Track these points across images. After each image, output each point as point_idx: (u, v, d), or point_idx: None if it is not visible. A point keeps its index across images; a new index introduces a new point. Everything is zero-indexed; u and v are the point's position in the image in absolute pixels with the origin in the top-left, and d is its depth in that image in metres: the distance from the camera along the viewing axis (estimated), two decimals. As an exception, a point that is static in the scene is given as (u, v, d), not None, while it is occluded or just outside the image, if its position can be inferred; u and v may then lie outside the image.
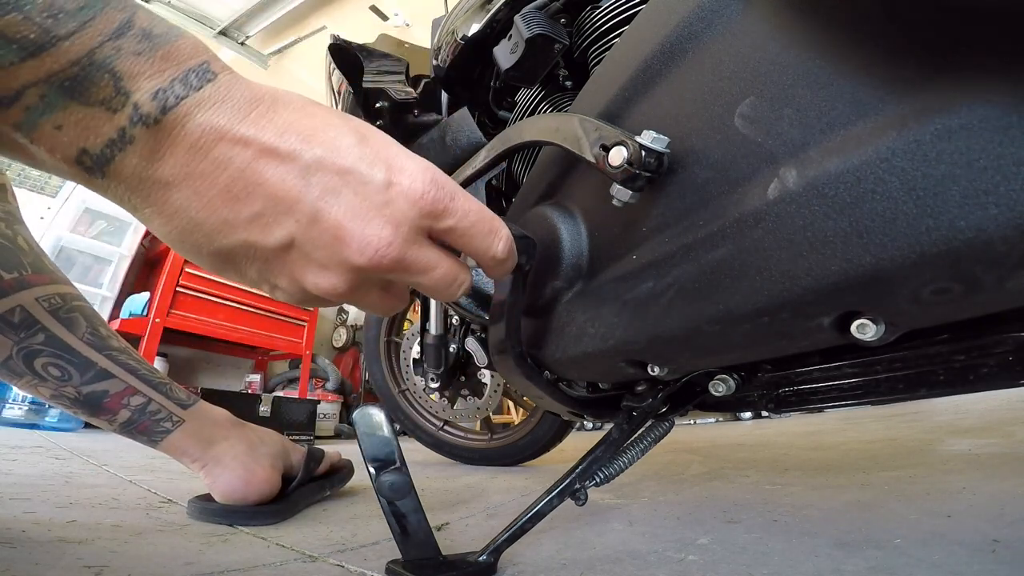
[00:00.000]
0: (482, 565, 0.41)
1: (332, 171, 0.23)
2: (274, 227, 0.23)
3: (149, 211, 0.23)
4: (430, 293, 0.28)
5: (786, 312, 0.27)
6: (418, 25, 2.57)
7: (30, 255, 0.52)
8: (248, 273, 0.25)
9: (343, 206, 0.23)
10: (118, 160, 0.21)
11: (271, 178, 0.23)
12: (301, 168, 0.23)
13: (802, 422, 2.34)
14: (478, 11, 0.62)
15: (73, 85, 0.20)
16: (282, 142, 0.23)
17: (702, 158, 0.32)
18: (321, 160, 0.23)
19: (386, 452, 0.40)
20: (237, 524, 0.57)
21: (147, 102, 0.21)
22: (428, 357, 1.09)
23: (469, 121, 0.66)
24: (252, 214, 0.23)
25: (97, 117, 0.20)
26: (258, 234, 0.23)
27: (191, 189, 0.22)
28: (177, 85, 0.21)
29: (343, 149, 0.24)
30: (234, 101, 0.22)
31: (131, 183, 0.22)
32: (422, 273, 0.26)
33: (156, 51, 0.21)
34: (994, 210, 0.19)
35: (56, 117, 0.20)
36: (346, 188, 0.23)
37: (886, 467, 0.89)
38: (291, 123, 0.23)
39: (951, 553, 0.42)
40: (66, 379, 0.53)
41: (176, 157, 0.22)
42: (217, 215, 0.23)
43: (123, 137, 0.21)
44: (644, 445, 0.49)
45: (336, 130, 0.24)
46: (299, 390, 2.63)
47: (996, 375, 0.31)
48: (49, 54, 0.19)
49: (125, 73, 0.20)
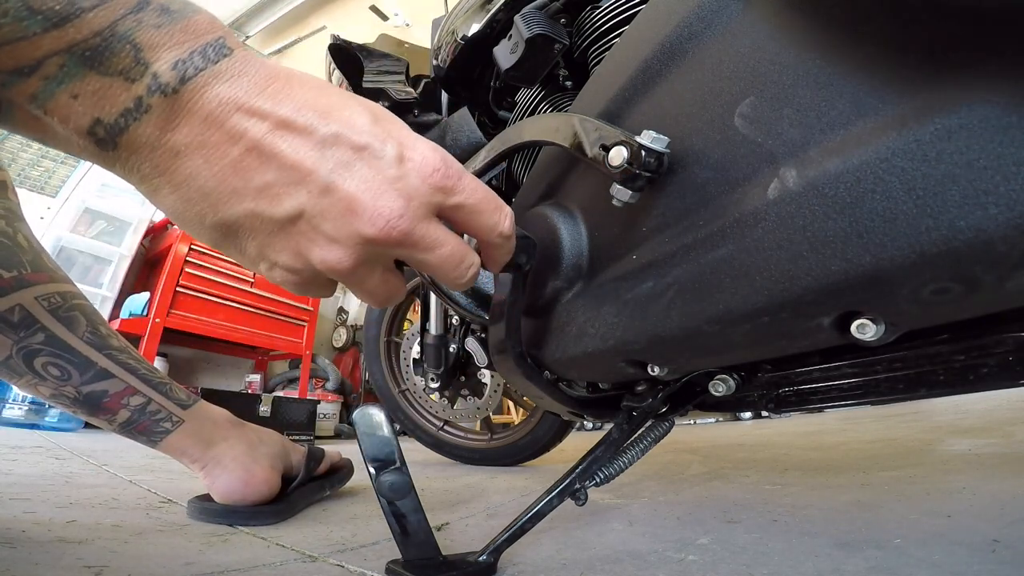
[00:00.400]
0: (482, 565, 0.41)
1: (347, 146, 0.24)
2: (284, 198, 0.23)
3: (157, 181, 0.23)
4: (439, 273, 0.27)
5: (786, 312, 0.27)
6: (418, 25, 2.57)
7: (30, 253, 0.52)
8: (248, 248, 0.25)
9: (356, 179, 0.23)
10: (132, 129, 0.21)
11: (285, 150, 0.23)
12: (316, 142, 0.23)
13: (802, 422, 2.34)
14: (478, 11, 0.62)
15: (93, 55, 0.20)
16: (299, 116, 0.23)
17: (702, 158, 0.32)
18: (337, 135, 0.24)
19: (386, 452, 0.40)
20: (237, 524, 0.57)
21: (166, 72, 0.21)
22: (428, 357, 1.09)
23: (469, 121, 0.66)
24: (262, 184, 0.23)
25: (114, 87, 0.21)
26: (266, 204, 0.23)
27: (203, 158, 0.22)
28: (196, 57, 0.22)
29: (358, 126, 0.24)
30: (250, 76, 0.23)
31: (142, 153, 0.22)
32: (430, 250, 0.26)
33: (175, 24, 0.22)
34: (994, 210, 0.19)
35: (73, 86, 0.20)
36: (360, 162, 0.24)
37: (886, 467, 0.89)
38: (307, 100, 0.24)
39: (951, 553, 0.42)
40: (66, 378, 0.53)
41: (191, 127, 0.22)
42: (226, 184, 0.23)
43: (139, 106, 0.21)
44: (644, 445, 0.49)
45: (351, 109, 0.25)
46: (299, 390, 2.63)
47: (996, 375, 0.31)
48: (72, 25, 0.19)
49: (145, 44, 0.21)
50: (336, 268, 0.25)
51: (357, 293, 0.28)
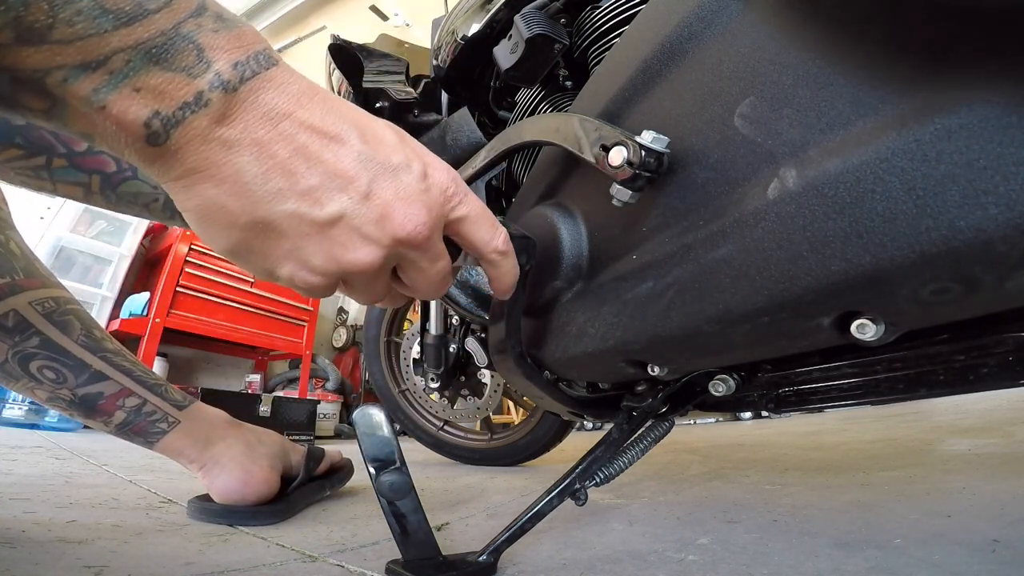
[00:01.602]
0: (482, 565, 0.41)
1: (382, 160, 0.27)
2: (326, 201, 0.25)
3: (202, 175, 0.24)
4: (426, 283, 0.30)
5: (786, 312, 0.27)
6: (418, 25, 2.57)
7: (22, 260, 0.53)
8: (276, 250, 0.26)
9: (392, 189, 0.27)
10: (188, 121, 0.22)
11: (330, 158, 0.25)
12: (357, 154, 0.26)
13: (802, 422, 2.34)
14: (478, 11, 0.62)
15: (159, 52, 0.22)
16: (342, 130, 0.26)
17: (702, 158, 0.32)
18: (375, 150, 0.27)
19: (386, 452, 0.40)
20: (237, 524, 0.57)
21: (228, 70, 0.23)
22: (428, 357, 1.09)
23: (469, 121, 0.66)
24: (307, 187, 0.25)
25: (176, 81, 0.22)
26: (309, 206, 0.25)
27: (253, 155, 0.24)
28: (252, 61, 0.24)
29: (390, 144, 0.27)
30: (297, 86, 0.25)
31: (192, 145, 0.23)
32: (434, 259, 0.29)
33: (230, 31, 0.24)
34: (994, 210, 0.19)
35: (137, 80, 0.21)
36: (392, 175, 0.27)
37: (886, 467, 0.89)
38: (345, 115, 0.26)
39: (951, 553, 0.42)
40: (61, 381, 0.53)
41: (246, 123, 0.24)
42: (272, 183, 0.25)
43: (199, 100, 0.22)
44: (644, 445, 0.49)
45: (381, 128, 0.28)
46: (299, 390, 2.62)
47: (996, 375, 0.31)
48: (141, 23, 0.21)
49: (207, 45, 0.23)
50: (367, 266, 0.27)
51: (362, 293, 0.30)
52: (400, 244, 0.27)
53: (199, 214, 0.25)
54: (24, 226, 0.56)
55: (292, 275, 0.27)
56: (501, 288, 0.35)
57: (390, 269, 0.30)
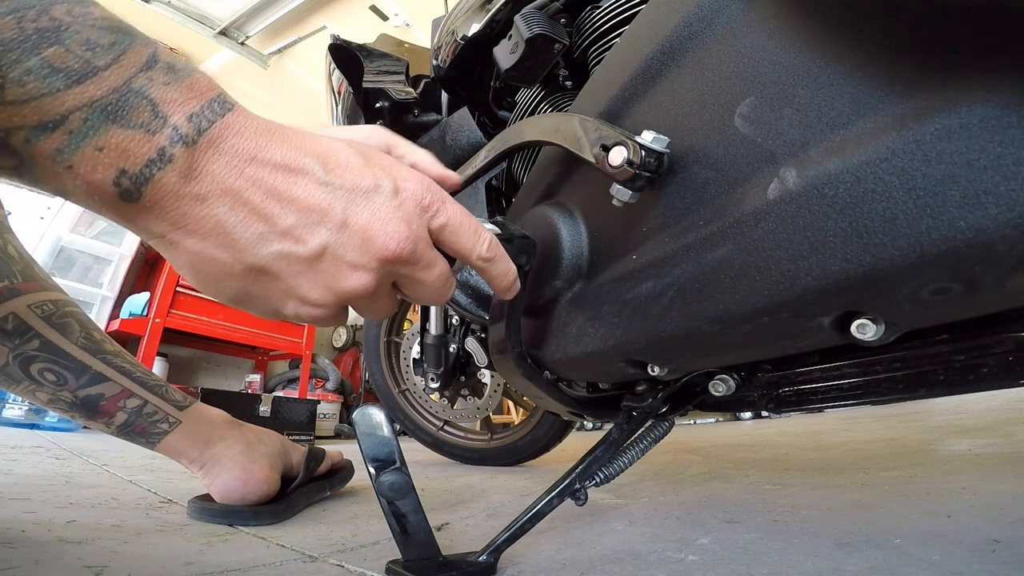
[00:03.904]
0: (482, 565, 0.41)
1: (351, 185, 0.27)
2: (308, 237, 0.26)
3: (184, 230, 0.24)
4: (427, 291, 0.31)
5: (786, 312, 0.27)
6: (418, 25, 2.57)
7: (20, 263, 0.53)
8: (276, 289, 0.27)
9: (366, 212, 0.27)
10: (156, 178, 0.23)
11: (301, 194, 0.25)
12: (325, 185, 0.26)
13: (802, 422, 2.34)
14: (478, 11, 0.62)
15: (114, 109, 0.22)
16: (305, 164, 0.26)
17: (702, 158, 0.32)
18: (342, 177, 0.27)
19: (386, 452, 0.40)
20: (237, 524, 0.57)
21: (184, 124, 0.23)
22: (428, 357, 1.09)
23: (469, 121, 0.66)
24: (286, 227, 0.25)
25: (137, 139, 0.22)
26: (293, 244, 0.26)
27: (227, 204, 0.24)
28: (207, 111, 0.24)
29: (355, 168, 0.27)
30: (254, 128, 0.25)
31: (167, 201, 0.23)
32: (429, 267, 0.30)
33: (181, 82, 0.23)
34: (994, 210, 0.19)
35: (98, 139, 0.21)
36: (364, 199, 0.27)
37: (886, 467, 0.89)
38: (306, 148, 0.26)
39: (951, 553, 0.42)
40: (62, 383, 0.53)
41: (212, 175, 0.24)
42: (253, 229, 0.25)
43: (163, 156, 0.22)
44: (644, 445, 0.49)
45: (344, 152, 0.28)
46: (299, 390, 2.63)
47: (996, 375, 0.31)
48: (92, 81, 0.21)
49: (160, 100, 0.23)
50: (362, 291, 0.28)
51: (368, 311, 0.31)
52: (388, 263, 0.28)
53: (194, 269, 0.26)
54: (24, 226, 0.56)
55: (296, 311, 0.28)
56: (500, 289, 0.35)
57: (390, 284, 0.30)
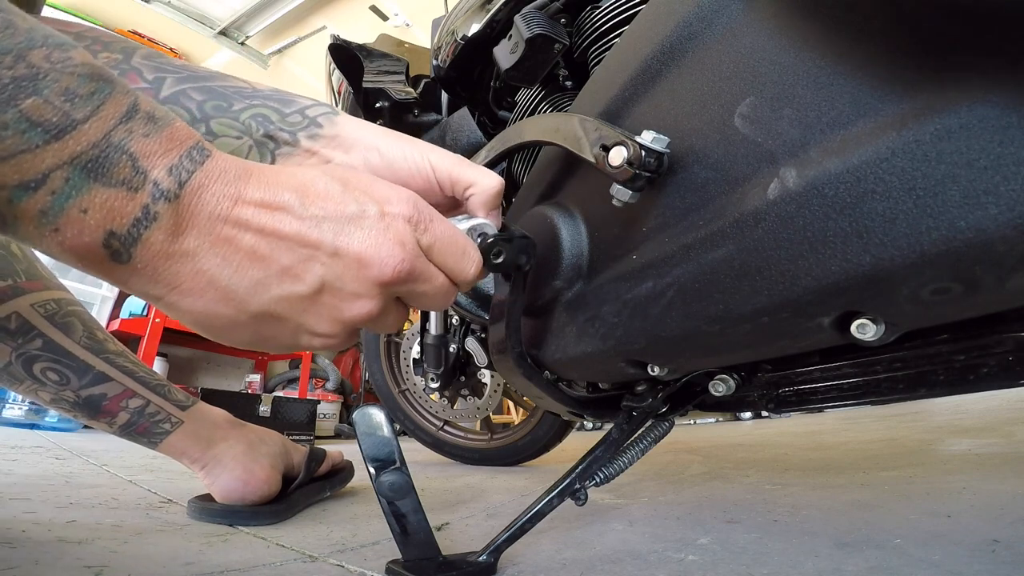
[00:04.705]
0: (482, 565, 0.41)
1: (335, 215, 0.26)
2: (304, 274, 0.26)
3: (180, 290, 0.24)
4: (431, 301, 0.31)
5: (786, 312, 0.27)
6: (418, 25, 2.57)
7: (24, 262, 0.53)
8: (285, 329, 0.27)
9: (355, 240, 0.26)
10: (144, 238, 0.22)
11: (289, 231, 0.25)
12: (311, 219, 0.26)
13: (802, 422, 2.34)
14: (478, 11, 0.62)
15: (95, 166, 0.21)
16: (288, 200, 0.25)
17: (702, 158, 0.32)
18: (325, 207, 0.26)
19: (386, 452, 0.40)
20: (237, 524, 0.57)
21: (165, 178, 0.22)
22: (428, 357, 1.09)
23: (469, 121, 0.66)
24: (281, 268, 0.25)
25: (120, 197, 0.21)
26: (291, 284, 0.26)
27: (219, 256, 0.24)
28: (185, 161, 0.23)
29: (336, 196, 0.27)
30: (233, 171, 0.25)
31: (158, 262, 0.23)
32: (429, 281, 0.30)
33: (161, 132, 0.23)
34: (994, 210, 0.19)
35: (82, 200, 0.21)
36: (351, 226, 0.27)
37: (886, 467, 0.89)
38: (282, 183, 0.26)
39: (951, 553, 0.42)
40: (65, 383, 0.53)
41: (199, 227, 0.23)
42: (249, 276, 0.25)
43: (147, 214, 0.22)
44: (644, 445, 0.49)
45: (322, 182, 0.27)
46: (299, 390, 2.62)
47: (996, 375, 0.31)
48: (72, 136, 0.20)
49: (140, 153, 0.22)
50: (369, 317, 0.28)
51: (378, 328, 0.31)
52: (388, 286, 0.28)
53: (201, 326, 0.26)
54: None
55: (310, 344, 0.28)
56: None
57: (394, 302, 0.30)
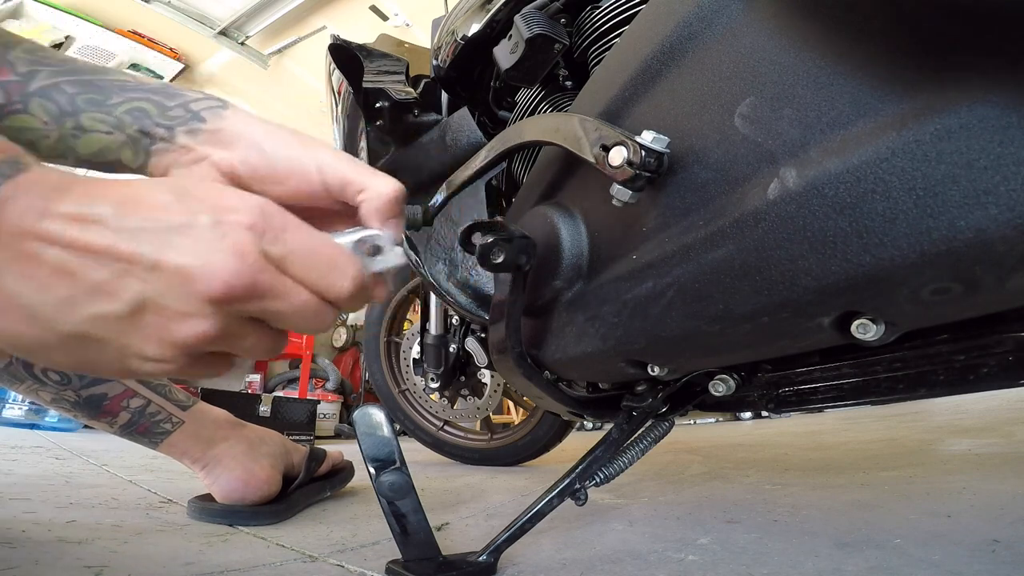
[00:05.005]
0: (482, 565, 0.41)
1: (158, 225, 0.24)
2: (119, 291, 0.23)
3: None
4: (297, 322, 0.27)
5: (786, 312, 0.27)
6: (418, 25, 2.57)
7: None
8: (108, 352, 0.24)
9: (179, 251, 0.23)
10: None
11: (100, 245, 0.22)
12: (129, 231, 0.23)
13: (802, 422, 2.33)
14: (478, 11, 0.62)
15: None
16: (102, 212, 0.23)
17: (702, 158, 0.32)
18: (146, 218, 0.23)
19: (386, 452, 0.40)
20: (237, 524, 0.57)
21: None
22: (428, 357, 1.09)
23: (469, 121, 0.66)
24: (92, 285, 0.22)
25: None
26: (104, 303, 0.23)
27: (20, 272, 0.22)
28: None
29: (162, 205, 0.24)
30: (50, 184, 0.23)
31: None
32: (284, 297, 0.25)
33: None
34: (994, 210, 0.19)
35: None
36: (176, 236, 0.23)
37: (886, 467, 0.89)
38: (105, 196, 0.23)
39: (951, 553, 0.42)
40: (66, 383, 0.53)
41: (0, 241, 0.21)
42: (54, 294, 0.22)
43: None
44: (644, 445, 0.49)
45: (151, 193, 0.25)
46: (299, 390, 2.63)
47: (996, 375, 0.31)
48: None
49: None
50: (204, 338, 0.24)
51: (247, 354, 0.28)
52: (223, 302, 0.24)
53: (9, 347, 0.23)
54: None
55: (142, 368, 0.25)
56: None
57: (246, 323, 0.26)
